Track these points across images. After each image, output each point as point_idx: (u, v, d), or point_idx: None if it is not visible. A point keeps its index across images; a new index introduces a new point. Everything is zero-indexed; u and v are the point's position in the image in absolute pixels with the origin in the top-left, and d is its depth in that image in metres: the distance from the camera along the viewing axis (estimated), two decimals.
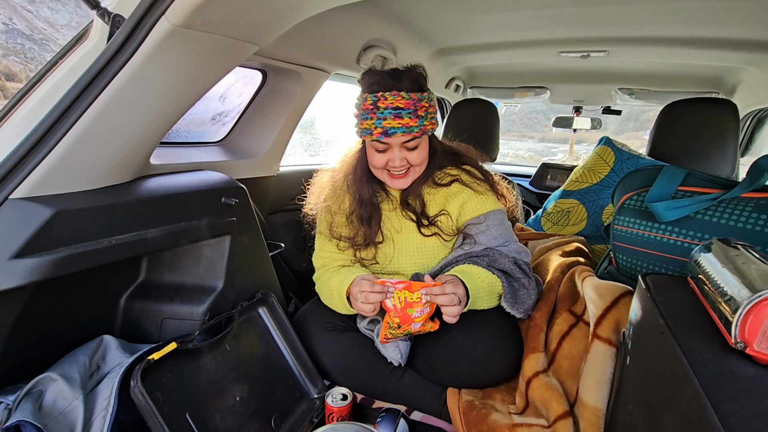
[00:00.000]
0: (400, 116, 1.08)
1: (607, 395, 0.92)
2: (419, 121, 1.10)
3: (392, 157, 1.14)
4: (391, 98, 1.08)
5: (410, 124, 1.09)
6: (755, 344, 0.50)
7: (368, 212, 1.24)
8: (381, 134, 1.09)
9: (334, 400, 1.06)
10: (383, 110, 1.08)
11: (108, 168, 0.84)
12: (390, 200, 1.29)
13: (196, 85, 0.90)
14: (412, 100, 1.09)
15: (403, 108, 1.08)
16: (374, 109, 1.09)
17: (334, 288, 1.20)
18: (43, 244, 0.70)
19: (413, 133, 1.10)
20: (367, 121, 1.10)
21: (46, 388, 0.80)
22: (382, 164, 1.17)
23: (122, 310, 1.04)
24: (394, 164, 1.15)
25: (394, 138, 1.10)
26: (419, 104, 1.10)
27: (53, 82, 0.78)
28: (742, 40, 1.43)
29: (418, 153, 1.16)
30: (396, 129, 1.08)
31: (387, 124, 1.08)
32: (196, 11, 0.74)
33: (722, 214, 0.96)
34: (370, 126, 1.10)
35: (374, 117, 1.09)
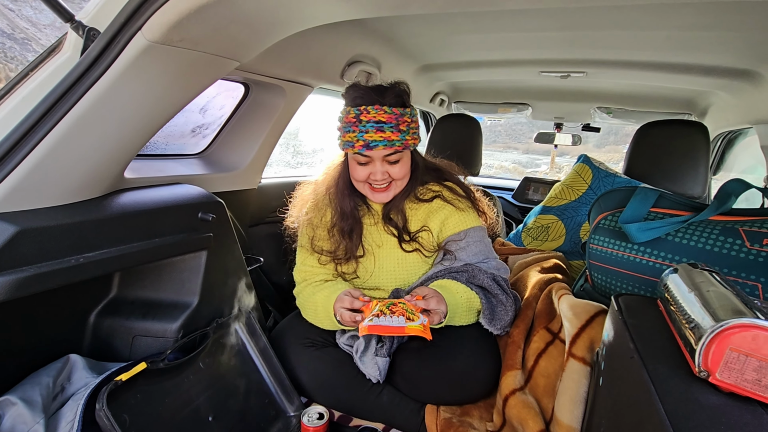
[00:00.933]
0: (382, 130, 1.09)
1: (581, 414, 0.92)
2: (401, 135, 1.11)
3: (374, 170, 1.15)
4: (373, 112, 1.09)
5: (392, 137, 1.10)
6: (717, 373, 0.52)
7: (349, 225, 1.24)
8: (363, 147, 1.10)
9: (309, 419, 1.04)
10: (365, 123, 1.09)
11: (78, 183, 0.82)
12: (371, 214, 1.29)
13: (174, 100, 0.89)
14: (395, 114, 1.11)
15: (385, 122, 1.09)
16: (357, 122, 1.10)
17: (319, 304, 1.19)
18: (5, 263, 0.68)
19: (395, 146, 1.11)
20: (349, 134, 1.11)
21: (4, 412, 0.76)
22: (364, 177, 1.17)
23: (91, 327, 1.01)
24: (375, 177, 1.16)
25: (376, 151, 1.11)
26: (401, 119, 1.12)
27: (23, 94, 0.76)
28: (711, 67, 1.50)
29: (400, 167, 1.17)
30: (378, 142, 1.09)
31: (369, 137, 1.09)
32: (174, 28, 0.73)
33: (692, 236, 0.99)
34: (352, 139, 1.11)
35: (356, 130, 1.10)
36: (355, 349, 1.18)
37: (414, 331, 0.97)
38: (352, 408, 1.17)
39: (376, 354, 1.15)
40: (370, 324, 0.98)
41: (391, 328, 0.97)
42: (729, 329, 0.51)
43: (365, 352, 1.16)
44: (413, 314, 1.00)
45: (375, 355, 1.15)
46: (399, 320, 0.98)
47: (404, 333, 0.97)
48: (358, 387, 1.16)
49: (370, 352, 1.16)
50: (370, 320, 0.99)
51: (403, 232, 1.26)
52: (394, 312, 1.00)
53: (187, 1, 0.68)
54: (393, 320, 0.98)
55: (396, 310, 1.01)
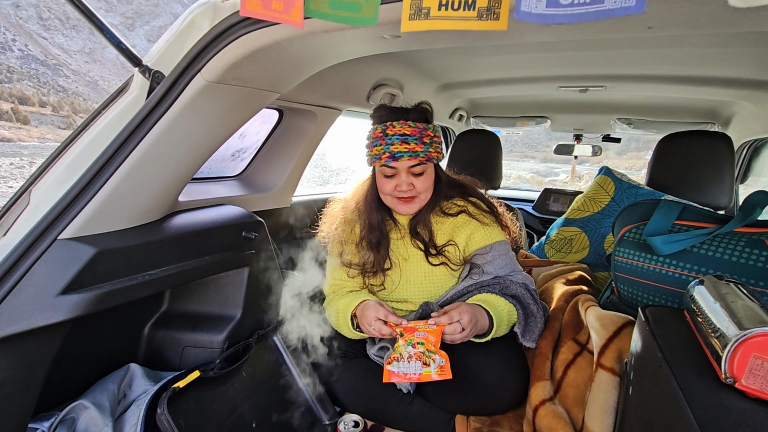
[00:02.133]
0: (407, 142, 1.17)
1: (611, 424, 0.95)
2: (425, 147, 1.19)
3: (399, 182, 1.22)
4: (398, 126, 1.18)
5: (416, 149, 1.18)
6: (743, 379, 0.55)
7: (377, 237, 1.30)
8: (389, 158, 1.18)
9: (346, 427, 1.09)
10: (391, 137, 1.18)
11: (143, 208, 0.91)
12: (398, 229, 1.35)
13: (224, 131, 0.98)
14: (418, 128, 1.19)
15: (409, 135, 1.18)
16: (383, 136, 1.19)
17: (340, 310, 1.24)
18: (87, 280, 0.77)
19: (419, 158, 1.19)
20: (376, 147, 1.20)
21: (78, 415, 0.85)
22: (390, 189, 1.24)
23: (146, 339, 1.10)
24: (401, 188, 1.22)
25: (401, 162, 1.18)
26: (425, 133, 1.20)
27: (96, 131, 0.85)
28: (732, 79, 1.51)
29: (424, 180, 1.24)
30: (402, 153, 1.17)
31: (394, 149, 1.17)
32: (229, 69, 0.82)
33: (717, 248, 1.01)
34: (379, 152, 1.19)
35: (383, 143, 1.18)
36: (385, 359, 1.23)
37: (428, 377, 1.02)
38: (383, 417, 1.21)
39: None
40: (391, 370, 1.05)
41: (409, 375, 1.03)
42: (753, 337, 0.54)
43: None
44: (431, 356, 1.04)
45: None
46: (416, 366, 1.03)
47: (420, 380, 1.03)
48: (388, 397, 1.20)
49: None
50: (391, 365, 1.05)
51: (429, 246, 1.30)
52: (412, 357, 1.04)
53: (243, 46, 0.77)
54: (410, 366, 1.03)
55: (414, 353, 1.04)
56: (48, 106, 77.34)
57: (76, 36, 30.28)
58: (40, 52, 32.54)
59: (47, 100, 69.88)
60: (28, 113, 72.16)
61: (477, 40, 0.76)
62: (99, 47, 30.47)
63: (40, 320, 0.71)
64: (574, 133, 2.97)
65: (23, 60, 34.39)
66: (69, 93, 40.97)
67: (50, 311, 0.72)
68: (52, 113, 74.23)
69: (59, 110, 74.83)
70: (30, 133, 60.27)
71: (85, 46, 30.06)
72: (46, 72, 32.39)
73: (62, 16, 52.33)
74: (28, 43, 35.88)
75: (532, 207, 2.85)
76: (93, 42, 34.28)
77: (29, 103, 56.98)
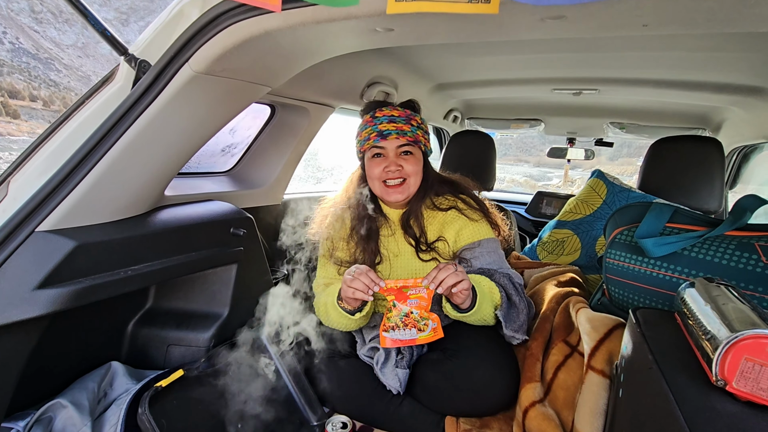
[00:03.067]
0: (394, 121, 1.22)
1: (601, 426, 0.94)
2: (412, 128, 1.23)
3: (388, 162, 1.23)
4: (386, 110, 1.24)
5: (404, 128, 1.22)
6: (734, 382, 0.54)
7: (366, 229, 1.30)
8: (377, 137, 1.21)
9: (334, 428, 1.07)
10: (380, 118, 1.23)
11: (127, 201, 0.89)
12: (389, 225, 1.34)
13: (213, 124, 0.96)
14: (405, 113, 1.25)
15: (396, 116, 1.23)
16: (372, 120, 1.24)
17: (328, 297, 1.23)
18: (65, 275, 0.74)
19: (406, 137, 1.22)
20: (365, 131, 1.24)
21: (55, 414, 0.82)
22: (379, 172, 1.25)
23: (129, 336, 1.07)
24: (389, 169, 1.23)
25: (390, 141, 1.22)
26: (412, 116, 1.25)
27: (79, 121, 0.83)
28: (723, 84, 1.53)
29: (412, 162, 1.25)
30: (390, 131, 1.21)
31: (382, 127, 1.22)
32: (218, 60, 0.80)
33: (707, 251, 1.01)
34: (368, 133, 1.23)
35: (371, 125, 1.23)
36: (376, 361, 1.21)
37: (426, 339, 1.06)
38: (372, 419, 1.19)
39: (396, 366, 1.18)
40: (388, 337, 1.07)
41: (406, 341, 1.07)
42: (744, 340, 0.54)
43: (386, 363, 1.19)
44: (424, 321, 1.08)
45: (395, 366, 1.18)
46: (411, 333, 1.07)
47: (417, 343, 1.07)
48: (378, 398, 1.19)
49: (390, 364, 1.19)
50: (387, 333, 1.08)
51: (420, 242, 1.29)
52: (407, 325, 1.07)
53: (232, 36, 0.75)
54: (406, 333, 1.07)
55: (408, 322, 1.07)
56: (39, 100, 76.36)
57: (68, 30, 30.01)
58: (32, 46, 32.18)
59: (38, 95, 69.08)
60: (18, 107, 71.15)
61: (471, 35, 0.75)
62: (92, 42, 30.20)
63: (14, 315, 0.69)
64: (567, 137, 2.99)
65: (14, 53, 33.93)
66: (61, 87, 40.68)
67: (26, 306, 0.69)
68: (43, 108, 73.33)
69: (50, 105, 73.97)
70: (20, 128, 59.56)
71: (78, 40, 29.81)
72: (37, 66, 32.07)
73: (55, 10, 51.85)
74: (19, 35, 35.41)
75: (525, 210, 2.86)
76: (86, 36, 34.07)
77: (19, 97, 56.18)
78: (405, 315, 1.07)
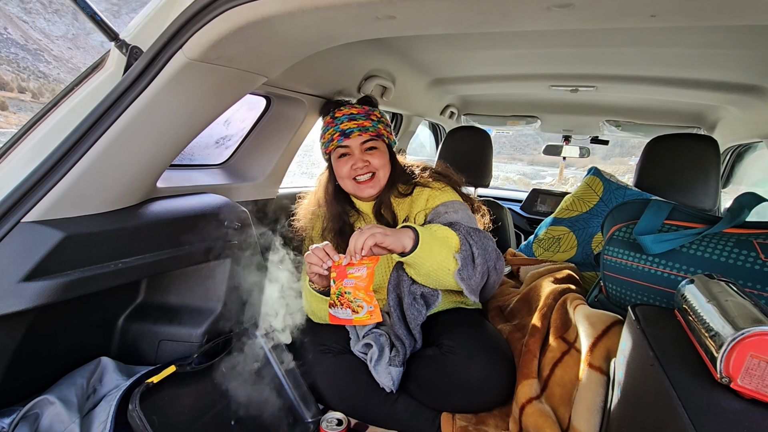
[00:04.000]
0: (354, 119, 1.25)
1: (598, 423, 0.94)
2: (373, 123, 1.26)
3: (354, 160, 1.25)
4: (345, 109, 1.27)
5: (365, 124, 1.24)
6: (739, 380, 0.54)
7: (339, 225, 1.32)
8: (340, 137, 1.24)
9: (328, 425, 1.06)
10: (340, 118, 1.26)
11: (118, 192, 0.86)
12: (362, 218, 1.36)
13: (207, 113, 0.93)
14: (364, 109, 1.28)
15: (356, 113, 1.26)
16: (332, 121, 1.27)
17: (303, 282, 1.24)
18: (53, 267, 0.71)
19: (369, 132, 1.24)
20: (327, 132, 1.27)
21: (42, 411, 0.79)
22: (347, 171, 1.26)
23: (119, 331, 1.04)
24: (357, 166, 1.25)
25: (353, 138, 1.24)
26: (371, 112, 1.28)
27: (68, 108, 0.80)
28: (720, 83, 1.53)
29: (378, 156, 1.27)
30: (352, 129, 1.23)
31: (344, 126, 1.24)
32: (213, 47, 0.78)
33: (706, 248, 1.01)
34: (331, 135, 1.26)
35: (333, 125, 1.26)
36: (369, 358, 1.20)
37: (361, 321, 1.05)
38: (367, 416, 1.18)
39: (390, 364, 1.17)
40: (331, 312, 1.09)
41: (344, 320, 1.07)
42: (749, 337, 0.53)
43: (379, 360, 1.18)
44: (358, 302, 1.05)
45: (389, 364, 1.17)
46: (347, 312, 1.06)
47: (354, 323, 1.08)
48: (373, 395, 1.18)
49: (384, 362, 1.18)
50: (330, 309, 1.09)
51: None
52: (342, 304, 1.06)
53: (227, 22, 0.72)
54: (343, 312, 1.06)
55: (343, 301, 1.06)
56: (28, 92, 74.75)
57: (58, 21, 29.30)
58: (20, 36, 31.36)
59: (27, 86, 67.54)
60: (6, 99, 69.77)
61: (474, 24, 0.73)
62: (83, 33, 29.53)
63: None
64: (563, 134, 2.99)
65: (2, 44, 33.01)
66: (50, 79, 39.72)
67: (11, 299, 0.67)
68: (32, 100, 71.86)
69: (39, 97, 72.50)
70: (8, 120, 58.49)
71: (68, 31, 29.07)
72: (26, 57, 31.23)
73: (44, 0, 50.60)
74: (7, 26, 34.49)
75: (520, 207, 2.86)
76: (76, 28, 33.29)
77: (8, 88, 54.99)
78: (340, 294, 1.06)
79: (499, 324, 1.46)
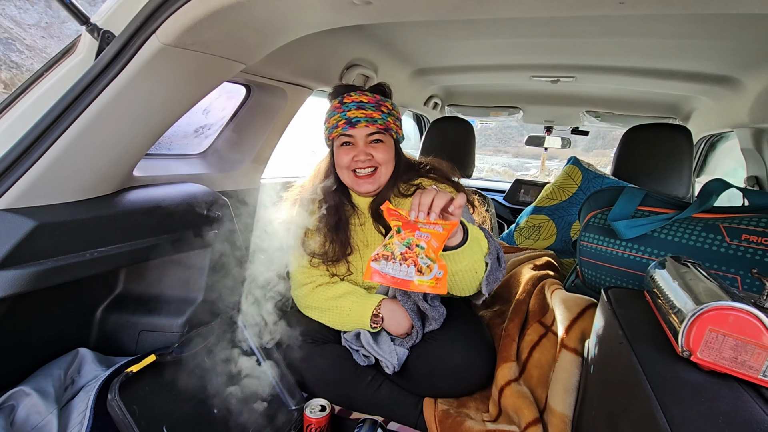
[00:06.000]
0: (364, 108, 1.16)
1: (573, 402, 0.97)
2: (382, 115, 1.18)
3: (357, 151, 1.18)
4: (355, 95, 1.18)
5: (373, 115, 1.16)
6: (699, 352, 0.57)
7: (335, 219, 1.26)
8: (345, 125, 1.16)
9: (312, 411, 1.07)
10: (348, 104, 1.17)
11: (92, 180, 0.84)
12: (358, 215, 1.30)
13: (183, 101, 0.92)
14: (375, 98, 1.19)
15: (366, 102, 1.17)
16: (340, 106, 1.18)
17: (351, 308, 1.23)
18: (25, 256, 0.70)
19: (377, 124, 1.17)
20: (333, 117, 1.19)
21: (18, 402, 0.78)
22: (348, 161, 1.19)
23: (98, 322, 1.03)
24: (359, 158, 1.18)
25: (359, 128, 1.16)
26: (382, 102, 1.19)
27: (38, 94, 0.78)
28: (694, 73, 1.57)
29: (383, 150, 1.20)
30: (360, 118, 1.15)
31: (351, 114, 1.16)
32: (188, 31, 0.76)
33: (676, 232, 1.04)
34: (336, 121, 1.18)
35: (340, 111, 1.17)
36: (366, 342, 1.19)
37: (422, 287, 0.84)
38: (351, 402, 1.19)
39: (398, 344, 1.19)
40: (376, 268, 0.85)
41: (397, 279, 0.85)
42: (709, 311, 0.56)
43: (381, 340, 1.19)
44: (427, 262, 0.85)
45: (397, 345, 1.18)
46: (408, 271, 0.84)
47: (409, 289, 0.86)
48: (356, 382, 1.19)
49: (387, 340, 1.19)
50: (377, 262, 0.85)
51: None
52: (405, 259, 0.85)
53: (202, 6, 0.71)
54: (400, 270, 0.85)
55: (409, 256, 0.85)
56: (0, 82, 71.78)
57: (30, 8, 28.28)
58: None
59: None
60: None
61: (450, 11, 0.74)
62: (57, 22, 28.69)
63: None
64: (545, 125, 3.03)
65: None
66: (23, 70, 38.87)
67: None
68: (4, 90, 69.19)
69: (11, 87, 69.80)
70: None
71: (41, 19, 28.10)
72: None
73: None
74: None
75: (504, 197, 2.90)
76: (50, 16, 32.45)
77: None
78: (408, 246, 0.85)
79: (480, 310, 1.49)
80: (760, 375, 0.53)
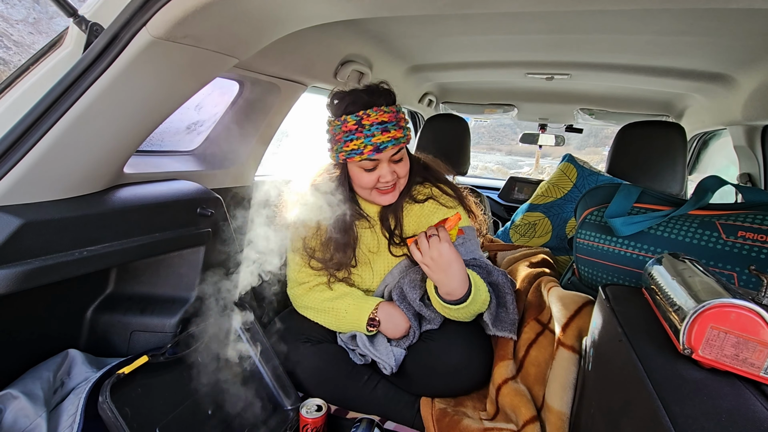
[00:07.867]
0: (387, 130, 1.08)
1: (571, 400, 0.97)
2: (403, 132, 1.13)
3: (382, 172, 1.14)
4: (374, 114, 1.07)
5: (397, 135, 1.10)
6: (700, 350, 0.56)
7: (345, 240, 1.22)
8: (372, 151, 1.08)
9: (308, 411, 1.06)
10: (369, 127, 1.07)
11: (80, 177, 0.82)
12: (365, 219, 1.28)
13: (174, 96, 0.89)
14: (393, 112, 1.11)
15: (387, 121, 1.08)
16: (359, 128, 1.07)
17: (347, 310, 1.22)
18: (11, 255, 0.68)
19: (401, 144, 1.12)
20: (353, 142, 1.08)
21: (6, 405, 0.76)
22: (373, 182, 1.15)
23: (89, 323, 1.01)
24: (385, 179, 1.14)
25: (385, 153, 1.10)
26: (399, 116, 1.13)
27: (24, 89, 0.75)
28: (688, 71, 1.58)
29: (404, 165, 1.18)
30: (386, 143, 1.08)
31: (377, 140, 1.07)
32: (179, 24, 0.74)
33: (672, 229, 1.04)
34: (358, 146, 1.08)
35: (361, 136, 1.07)
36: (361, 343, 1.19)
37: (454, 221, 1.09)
38: (347, 402, 1.19)
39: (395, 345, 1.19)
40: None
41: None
42: (710, 309, 0.55)
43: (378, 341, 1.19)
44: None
45: (394, 345, 1.18)
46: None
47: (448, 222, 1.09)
48: (353, 381, 1.18)
49: (384, 342, 1.19)
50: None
51: (394, 234, 1.27)
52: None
53: None
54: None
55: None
56: None
57: (17, 4, 27.50)
58: None
59: None
60: None
61: (447, 5, 0.72)
62: (45, 17, 27.97)
63: None
64: (539, 123, 3.04)
65: None
66: (11, 66, 37.82)
67: None
68: None
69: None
70: None
71: (29, 15, 27.34)
72: None
73: None
74: None
75: (498, 195, 2.90)
76: (38, 11, 31.61)
77: None
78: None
79: None
80: (762, 372, 0.53)
